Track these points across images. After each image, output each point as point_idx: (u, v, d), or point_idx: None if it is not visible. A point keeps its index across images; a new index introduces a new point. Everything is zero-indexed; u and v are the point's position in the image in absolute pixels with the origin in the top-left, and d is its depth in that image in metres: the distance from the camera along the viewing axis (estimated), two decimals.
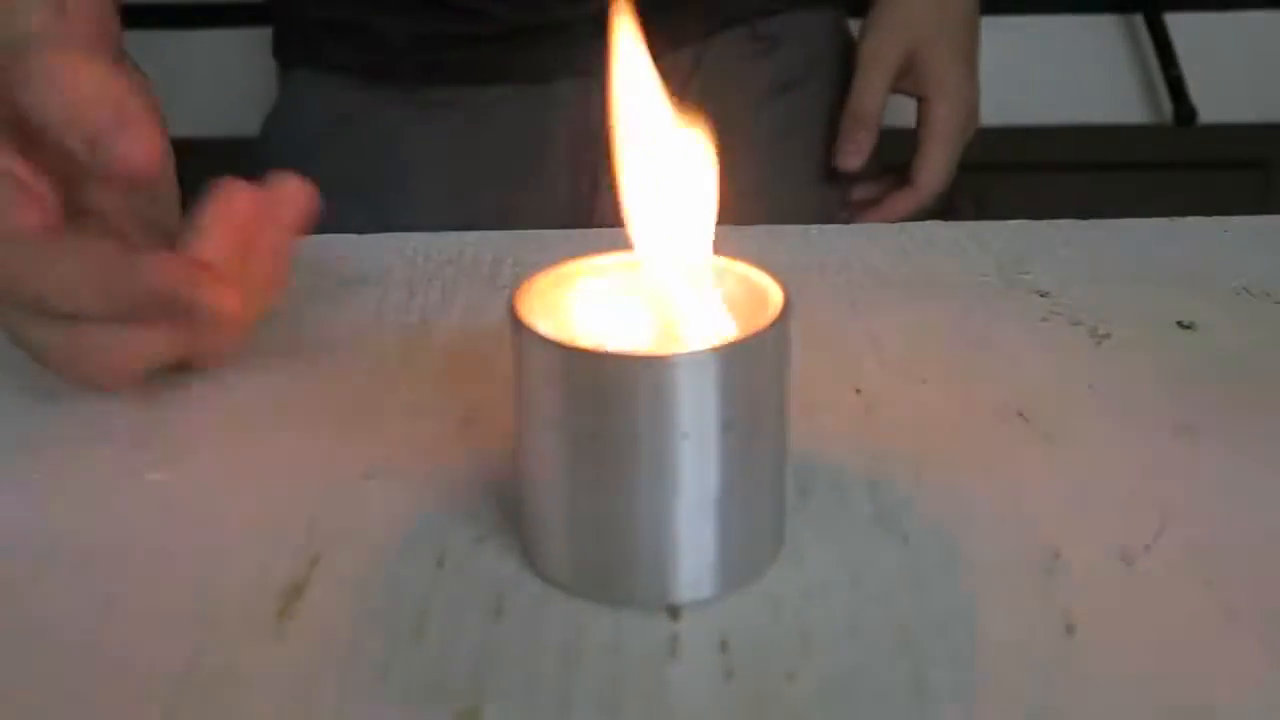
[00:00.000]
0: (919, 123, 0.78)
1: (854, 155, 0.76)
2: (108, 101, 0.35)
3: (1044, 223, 0.50)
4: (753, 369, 0.27)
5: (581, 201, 0.73)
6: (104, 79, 0.35)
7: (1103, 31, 1.16)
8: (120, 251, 0.35)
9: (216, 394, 0.38)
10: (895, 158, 0.80)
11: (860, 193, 0.80)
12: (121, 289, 0.34)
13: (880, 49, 0.76)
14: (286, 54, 0.79)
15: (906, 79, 0.77)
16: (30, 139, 0.36)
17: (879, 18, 0.78)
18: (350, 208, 0.74)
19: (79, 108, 0.35)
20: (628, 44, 0.29)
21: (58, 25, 0.38)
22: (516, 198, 0.73)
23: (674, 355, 0.26)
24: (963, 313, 0.42)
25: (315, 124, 0.75)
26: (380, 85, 0.74)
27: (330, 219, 0.40)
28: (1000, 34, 0.88)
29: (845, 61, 0.80)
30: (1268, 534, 0.30)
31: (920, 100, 0.78)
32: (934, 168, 0.76)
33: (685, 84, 0.74)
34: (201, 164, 0.40)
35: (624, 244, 0.30)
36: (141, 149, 0.34)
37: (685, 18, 0.73)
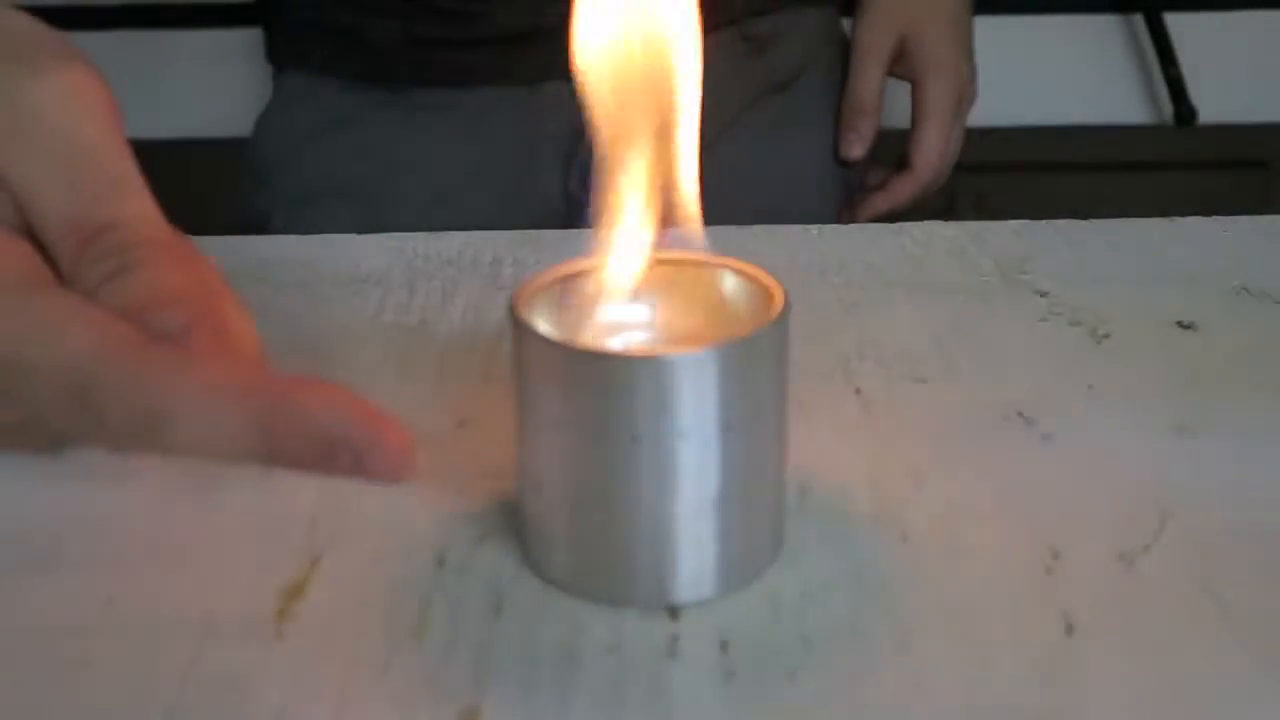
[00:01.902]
0: (913, 104, 0.79)
1: (856, 144, 0.78)
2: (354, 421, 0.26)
3: (1044, 223, 0.50)
4: (753, 369, 0.27)
5: (571, 204, 0.73)
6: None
7: (1103, 31, 1.16)
8: (268, 380, 0.26)
9: None
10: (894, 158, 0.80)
11: (864, 183, 0.81)
12: (287, 436, 0.26)
13: (872, 37, 0.78)
14: (278, 56, 0.79)
15: (900, 64, 0.78)
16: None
17: (869, 6, 0.79)
18: (341, 209, 0.74)
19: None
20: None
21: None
22: (507, 200, 0.73)
23: (674, 355, 0.26)
24: (963, 313, 0.42)
25: (306, 126, 0.76)
26: (371, 88, 0.74)
27: (321, 220, 0.39)
28: (1000, 34, 0.88)
29: (838, 60, 0.81)
30: (1268, 534, 0.30)
31: (914, 83, 0.79)
32: (929, 147, 0.77)
33: None
34: (194, 164, 0.40)
35: (622, 244, 0.30)
36: (397, 454, 0.26)
37: None
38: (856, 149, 0.78)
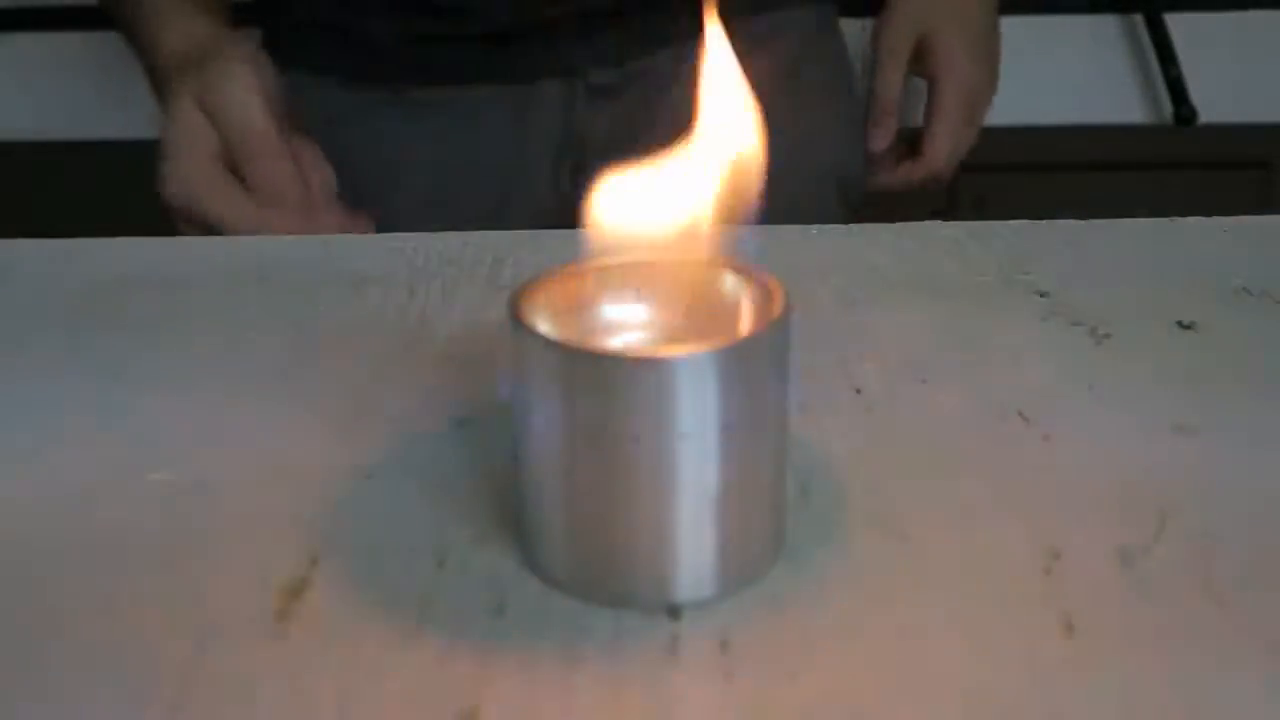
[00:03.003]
0: (928, 101, 0.84)
1: (881, 138, 0.86)
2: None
3: (1044, 223, 0.50)
4: (753, 369, 0.27)
5: (566, 202, 0.74)
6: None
7: (1103, 31, 1.16)
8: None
9: (216, 394, 0.38)
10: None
11: (879, 158, 0.87)
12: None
13: (894, 42, 0.85)
14: (275, 55, 0.79)
15: (918, 63, 0.85)
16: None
17: (892, 9, 0.85)
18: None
19: None
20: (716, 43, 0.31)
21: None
22: (503, 198, 0.74)
23: (674, 355, 0.26)
24: (963, 313, 0.42)
25: (305, 124, 0.76)
26: (367, 86, 0.74)
27: None
28: (1001, 34, 0.89)
29: (835, 59, 0.82)
30: (1268, 534, 0.30)
31: (929, 81, 0.84)
32: (939, 142, 0.84)
33: (671, 84, 0.74)
34: None
35: (622, 244, 0.30)
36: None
37: (670, 17, 0.73)
38: (881, 142, 0.85)
